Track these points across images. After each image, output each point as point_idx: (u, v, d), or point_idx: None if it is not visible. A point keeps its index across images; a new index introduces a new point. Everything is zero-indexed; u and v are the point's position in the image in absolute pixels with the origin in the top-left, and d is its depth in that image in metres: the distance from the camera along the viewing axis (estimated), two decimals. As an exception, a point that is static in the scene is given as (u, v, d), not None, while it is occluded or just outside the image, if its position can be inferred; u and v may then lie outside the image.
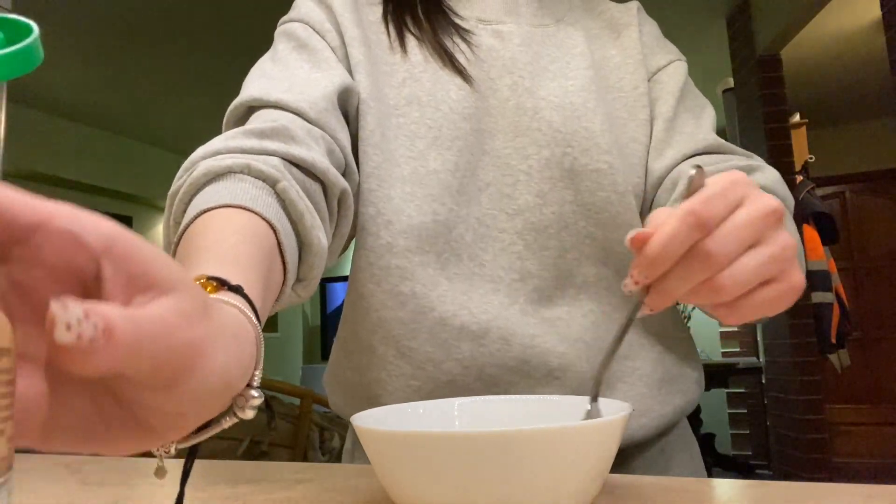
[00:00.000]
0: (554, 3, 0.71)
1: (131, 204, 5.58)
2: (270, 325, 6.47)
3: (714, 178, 0.38)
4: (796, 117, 3.78)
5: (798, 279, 0.38)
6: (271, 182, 0.46)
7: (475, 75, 0.64)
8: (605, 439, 0.38)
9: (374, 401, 0.64)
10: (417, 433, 0.38)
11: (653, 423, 0.62)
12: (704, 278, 0.36)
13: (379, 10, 0.68)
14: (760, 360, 4.63)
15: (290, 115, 0.55)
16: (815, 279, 3.38)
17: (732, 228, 0.36)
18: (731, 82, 3.89)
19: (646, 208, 0.67)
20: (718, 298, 0.37)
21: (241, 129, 0.52)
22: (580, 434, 0.37)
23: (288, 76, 0.59)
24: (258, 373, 0.31)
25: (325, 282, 6.83)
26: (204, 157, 0.47)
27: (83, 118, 4.82)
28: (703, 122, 0.67)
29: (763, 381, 4.23)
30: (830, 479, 3.18)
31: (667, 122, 0.66)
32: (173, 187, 0.47)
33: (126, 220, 5.55)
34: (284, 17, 0.67)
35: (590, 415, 0.45)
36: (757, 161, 0.64)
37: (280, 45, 0.64)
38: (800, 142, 3.59)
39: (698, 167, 0.38)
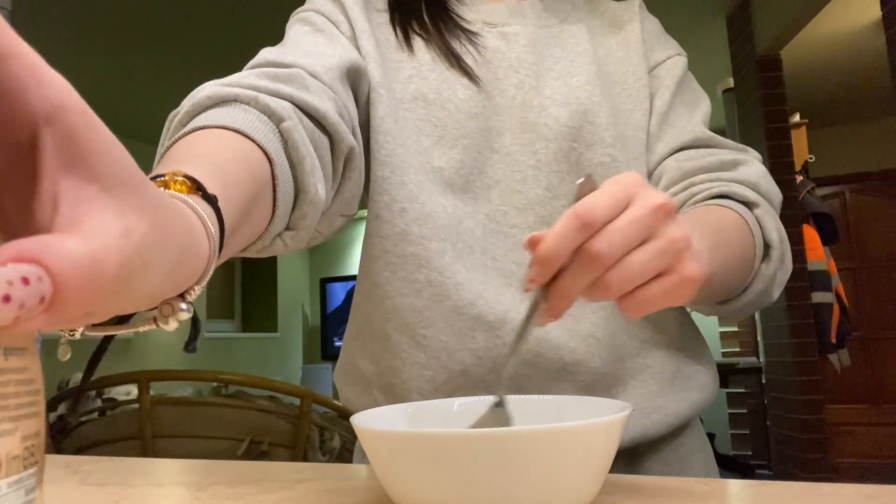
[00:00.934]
0: (557, 4, 0.72)
1: (131, 204, 5.58)
2: (270, 325, 6.48)
3: (605, 182, 0.39)
4: (796, 117, 3.78)
5: (691, 270, 0.39)
6: (276, 120, 0.44)
7: (482, 76, 0.65)
8: (604, 439, 0.38)
9: (388, 390, 0.64)
10: (417, 433, 0.38)
11: (666, 420, 0.62)
12: (594, 277, 0.38)
13: (385, 16, 0.69)
14: (760, 360, 4.62)
15: (305, 72, 0.53)
16: (815, 279, 3.37)
17: (617, 228, 0.37)
18: (731, 82, 3.89)
19: None
20: (609, 296, 0.39)
21: (255, 70, 0.51)
22: (579, 434, 0.37)
23: (302, 46, 0.59)
24: (198, 288, 0.28)
25: (326, 282, 6.83)
26: (214, 85, 0.46)
27: (83, 118, 4.83)
28: (695, 116, 0.68)
29: (763, 381, 4.23)
30: (830, 479, 3.18)
31: (661, 117, 0.67)
32: (175, 110, 0.45)
33: (126, 220, 5.55)
34: (297, 10, 0.67)
35: (495, 414, 0.45)
36: (746, 156, 0.64)
37: (293, 29, 0.64)
38: (800, 142, 3.59)
39: (587, 175, 0.40)
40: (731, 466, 4.41)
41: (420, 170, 0.62)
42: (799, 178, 3.53)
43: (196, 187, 0.30)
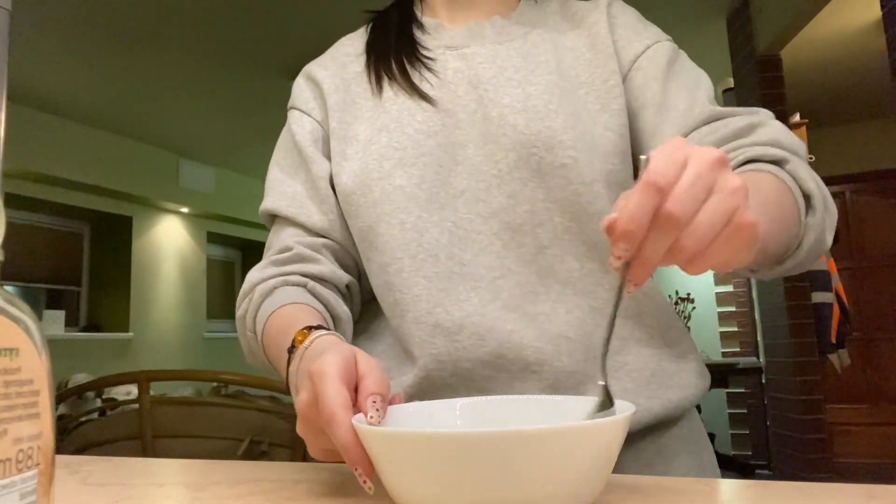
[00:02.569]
0: (526, 17, 0.75)
1: (131, 204, 5.58)
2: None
3: (656, 151, 0.41)
4: (796, 117, 3.78)
5: (747, 217, 0.41)
6: (302, 285, 0.67)
7: (442, 96, 0.69)
8: (606, 440, 0.38)
9: None
10: (418, 433, 0.38)
11: (635, 417, 0.61)
12: (672, 240, 0.40)
13: (362, 61, 0.77)
14: (760, 360, 4.63)
15: (297, 230, 0.72)
16: (815, 279, 3.37)
17: (685, 187, 0.39)
18: (731, 82, 3.89)
19: None
20: (685, 257, 0.41)
21: (266, 260, 0.71)
22: (582, 434, 0.37)
23: (291, 189, 0.74)
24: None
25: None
26: (253, 285, 0.69)
27: (83, 118, 4.82)
28: (698, 95, 0.67)
29: (763, 381, 4.23)
30: (830, 479, 3.18)
31: (657, 108, 0.68)
32: (240, 310, 0.70)
33: (126, 220, 5.55)
34: (289, 103, 0.79)
35: (603, 405, 0.45)
36: (759, 117, 0.63)
37: (280, 153, 0.77)
38: (800, 142, 3.59)
39: (650, 156, 0.41)
40: (731, 466, 4.42)
41: (381, 199, 0.66)
42: (799, 178, 3.52)
43: (311, 329, 0.56)
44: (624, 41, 0.71)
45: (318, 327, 0.56)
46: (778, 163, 0.59)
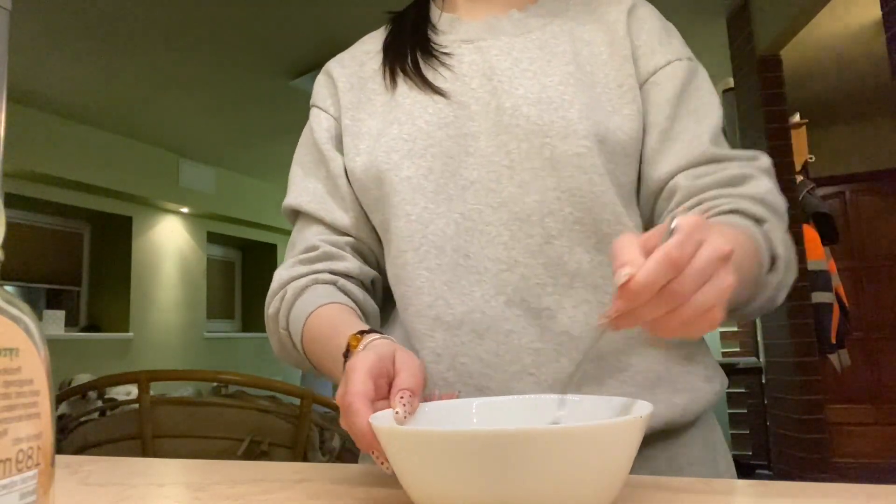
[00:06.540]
0: (546, 9, 0.74)
1: (131, 204, 5.58)
2: (270, 325, 6.46)
3: (683, 223, 0.42)
4: (796, 117, 3.78)
5: (718, 318, 0.44)
6: (332, 283, 0.69)
7: (456, 89, 0.69)
8: (624, 439, 0.38)
9: None
10: (421, 431, 0.38)
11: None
12: (668, 310, 0.42)
13: (379, 58, 0.77)
14: (760, 360, 4.62)
15: (321, 227, 0.73)
16: (815, 279, 3.37)
17: (695, 272, 0.42)
18: (731, 82, 3.88)
19: (646, 215, 0.69)
20: (663, 327, 0.43)
21: (293, 259, 0.72)
22: (600, 433, 0.37)
23: (313, 186, 0.75)
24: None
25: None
26: (283, 284, 0.70)
27: (83, 118, 4.82)
28: (702, 130, 0.66)
29: (763, 381, 4.23)
30: (830, 479, 3.17)
31: (662, 133, 0.67)
32: (272, 308, 0.70)
33: (126, 220, 5.55)
34: (311, 99, 0.80)
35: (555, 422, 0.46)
36: (754, 168, 0.64)
37: (301, 150, 0.78)
38: (800, 142, 3.59)
39: (676, 226, 0.42)
40: (731, 466, 4.40)
41: (390, 189, 0.67)
42: (799, 178, 3.53)
43: (363, 333, 0.56)
44: (646, 49, 0.70)
45: (371, 331, 0.57)
46: (758, 221, 0.60)
